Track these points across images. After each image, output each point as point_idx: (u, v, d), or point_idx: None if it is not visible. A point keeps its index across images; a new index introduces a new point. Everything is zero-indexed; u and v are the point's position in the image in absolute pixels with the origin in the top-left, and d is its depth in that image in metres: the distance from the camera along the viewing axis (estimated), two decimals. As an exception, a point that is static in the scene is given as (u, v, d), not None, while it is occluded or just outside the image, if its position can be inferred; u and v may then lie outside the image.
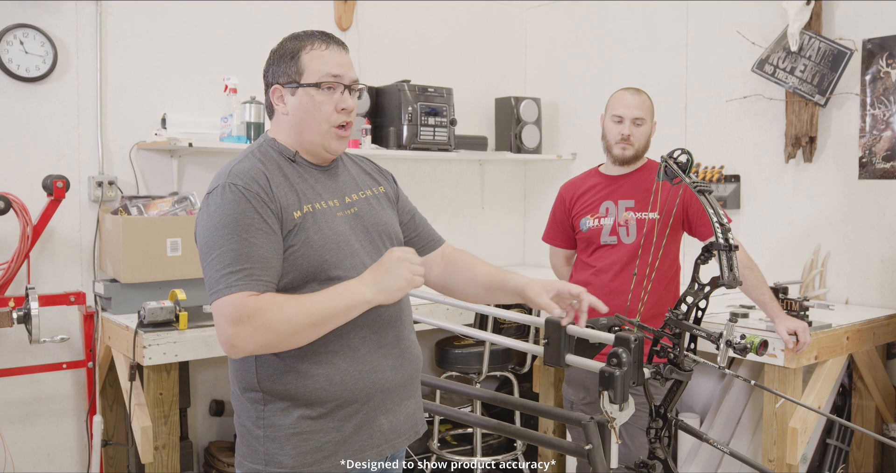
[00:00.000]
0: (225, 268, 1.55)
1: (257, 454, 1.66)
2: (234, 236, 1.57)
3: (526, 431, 2.25)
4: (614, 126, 2.79)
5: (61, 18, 3.36)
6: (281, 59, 1.72)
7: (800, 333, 2.69)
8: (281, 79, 1.71)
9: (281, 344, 1.57)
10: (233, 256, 1.56)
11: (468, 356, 3.64)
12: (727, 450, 1.97)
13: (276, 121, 1.77)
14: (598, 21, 4.52)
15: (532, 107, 4.59)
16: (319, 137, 1.71)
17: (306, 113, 1.69)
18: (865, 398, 3.31)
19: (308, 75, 1.69)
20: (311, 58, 1.69)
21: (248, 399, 1.68)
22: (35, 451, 3.38)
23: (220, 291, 1.55)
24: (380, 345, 1.72)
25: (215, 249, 1.57)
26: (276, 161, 1.70)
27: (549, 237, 3.04)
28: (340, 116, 1.71)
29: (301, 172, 1.72)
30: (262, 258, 1.58)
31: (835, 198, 3.53)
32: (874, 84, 3.37)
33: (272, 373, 1.65)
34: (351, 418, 1.68)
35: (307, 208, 1.67)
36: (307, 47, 1.70)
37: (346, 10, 4.18)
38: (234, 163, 1.67)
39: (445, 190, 4.65)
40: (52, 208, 3.19)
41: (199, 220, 1.65)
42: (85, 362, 3.37)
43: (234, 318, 1.52)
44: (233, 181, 1.61)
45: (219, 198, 1.61)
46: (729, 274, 1.91)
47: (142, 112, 3.56)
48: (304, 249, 1.63)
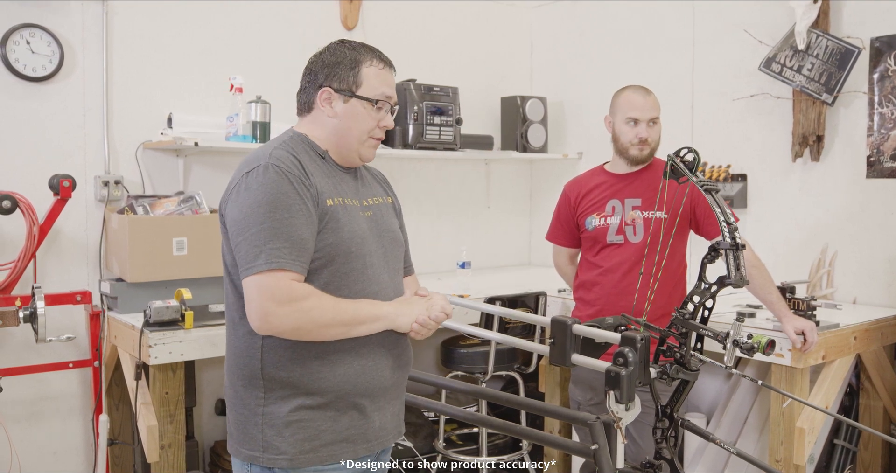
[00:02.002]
0: (266, 244, 1.60)
1: (255, 440, 1.70)
2: (275, 214, 1.61)
3: (531, 431, 2.25)
4: (629, 129, 2.76)
5: (67, 18, 3.37)
6: (339, 65, 1.79)
7: (807, 333, 2.68)
8: (335, 84, 1.78)
9: (310, 334, 1.64)
10: (273, 233, 1.60)
11: (474, 355, 3.63)
12: (734, 450, 1.96)
13: (314, 119, 1.82)
14: (604, 20, 4.51)
15: (538, 107, 4.58)
16: (357, 145, 1.80)
17: (353, 121, 1.78)
18: (873, 398, 3.29)
19: (365, 89, 1.78)
20: (371, 73, 1.79)
21: (248, 387, 1.72)
22: (41, 450, 3.39)
23: (259, 265, 1.59)
24: (383, 345, 1.79)
25: (255, 225, 1.61)
26: (308, 154, 1.76)
27: (553, 236, 3.03)
28: (380, 132, 1.83)
29: (328, 170, 1.79)
30: (300, 239, 1.63)
31: (842, 197, 3.51)
32: (882, 82, 3.35)
33: (277, 361, 1.69)
34: (348, 410, 1.73)
35: (338, 200, 1.74)
36: (367, 62, 1.79)
37: (352, 10, 4.17)
38: (271, 149, 1.72)
39: (451, 189, 4.64)
40: (58, 207, 3.20)
41: (235, 198, 1.68)
42: (91, 361, 3.37)
43: (278, 298, 1.58)
44: (274, 162, 1.66)
45: (261, 177, 1.65)
46: (736, 274, 1.90)
47: (148, 111, 3.57)
48: (332, 237, 1.69)
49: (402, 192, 4.42)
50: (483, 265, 4.65)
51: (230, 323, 1.78)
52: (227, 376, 1.80)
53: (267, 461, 1.69)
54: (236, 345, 1.75)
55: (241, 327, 1.73)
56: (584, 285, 2.87)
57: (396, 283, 1.87)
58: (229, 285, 1.76)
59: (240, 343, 1.74)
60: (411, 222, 4.38)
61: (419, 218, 4.46)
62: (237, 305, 1.73)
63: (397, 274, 1.89)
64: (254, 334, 1.69)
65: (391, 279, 1.84)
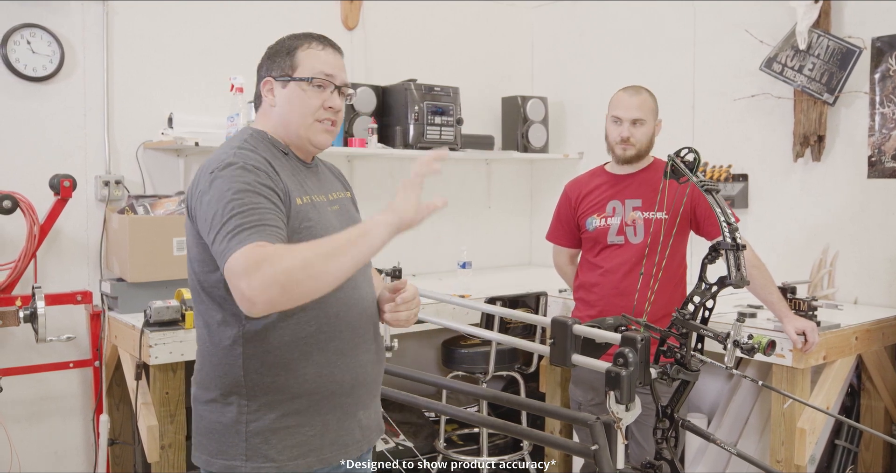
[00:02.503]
0: (235, 230, 1.48)
1: (236, 449, 1.64)
2: (245, 202, 1.52)
3: (532, 431, 2.25)
4: (614, 127, 2.78)
5: (68, 18, 3.37)
6: (277, 54, 1.75)
7: (808, 333, 2.68)
8: (274, 72, 1.74)
9: (299, 287, 1.43)
10: (243, 221, 1.49)
11: (474, 355, 3.63)
12: (734, 451, 1.96)
13: (262, 112, 1.79)
14: (605, 20, 4.51)
15: (539, 107, 4.58)
16: (304, 130, 1.73)
17: (294, 106, 1.72)
18: (874, 398, 3.29)
19: (301, 71, 1.72)
20: (306, 55, 1.73)
21: (228, 396, 1.65)
22: (42, 450, 3.39)
23: (229, 250, 1.46)
24: (364, 340, 1.75)
25: (223, 218, 1.51)
26: (271, 151, 1.70)
27: (554, 236, 3.03)
28: (326, 113, 1.73)
29: (292, 167, 1.73)
30: (275, 223, 1.52)
31: (843, 198, 3.51)
32: (883, 82, 3.35)
33: (259, 367, 1.63)
34: (334, 411, 1.69)
35: (307, 198, 1.69)
36: (304, 45, 1.74)
37: (353, 10, 4.17)
38: (234, 149, 1.65)
39: (452, 189, 4.64)
40: (58, 207, 3.20)
41: (201, 198, 1.59)
42: (91, 361, 3.37)
43: (242, 270, 1.42)
44: (240, 161, 1.60)
45: (228, 171, 1.57)
46: (736, 274, 1.90)
47: (148, 111, 3.57)
48: (308, 238, 1.59)
49: (403, 192, 4.45)
50: (484, 265, 4.64)
51: (203, 332, 1.70)
52: (199, 387, 1.72)
53: (251, 469, 1.63)
54: (213, 354, 1.68)
55: (217, 334, 1.66)
56: (585, 286, 2.87)
57: (367, 277, 1.83)
58: (199, 292, 1.69)
59: (217, 351, 1.66)
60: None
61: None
62: (209, 312, 1.67)
63: (367, 268, 1.83)
64: (234, 343, 1.63)
65: (362, 273, 1.76)
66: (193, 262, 1.69)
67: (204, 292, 1.68)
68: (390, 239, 1.54)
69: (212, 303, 1.66)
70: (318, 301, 1.57)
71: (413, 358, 4.40)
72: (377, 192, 4.28)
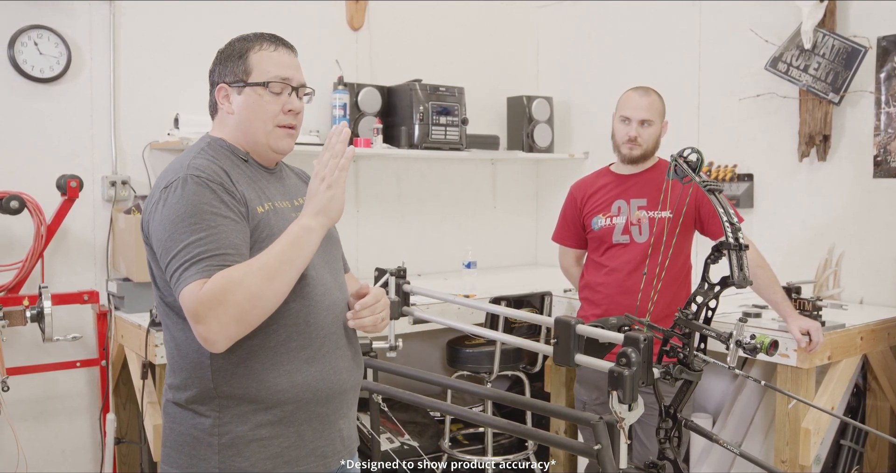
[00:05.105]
0: (188, 262, 1.46)
1: (207, 462, 1.58)
2: (199, 226, 1.49)
3: (536, 431, 2.25)
4: (622, 127, 2.79)
5: (75, 19, 3.39)
6: (228, 59, 1.69)
7: (813, 333, 2.67)
8: (228, 78, 1.69)
9: (250, 315, 1.47)
10: (201, 246, 1.47)
11: (479, 355, 3.64)
12: (737, 451, 1.96)
13: (219, 120, 1.74)
14: (611, 20, 4.51)
15: (544, 107, 4.58)
16: (265, 137, 1.68)
17: (252, 112, 1.67)
18: (880, 399, 3.28)
19: (256, 75, 1.66)
20: (259, 58, 1.67)
21: (200, 406, 1.60)
22: (49, 449, 3.41)
23: (182, 282, 1.46)
24: (337, 347, 1.70)
25: (181, 242, 1.48)
26: (229, 159, 1.67)
27: (560, 237, 3.03)
28: (286, 118, 1.69)
29: (252, 174, 1.69)
30: (232, 245, 1.50)
31: (849, 197, 3.50)
32: (889, 82, 3.34)
33: (229, 377, 1.58)
34: (310, 421, 1.64)
35: (268, 206, 1.65)
36: (256, 47, 1.68)
37: (358, 10, 4.18)
38: (189, 159, 1.61)
39: (457, 189, 4.64)
40: (65, 208, 3.21)
41: (153, 217, 1.56)
42: (98, 360, 3.39)
43: (195, 316, 1.44)
44: (193, 173, 1.55)
45: (179, 190, 1.53)
46: (739, 274, 1.90)
47: (154, 112, 3.58)
48: (267, 245, 1.56)
49: (408, 192, 4.47)
50: (489, 265, 4.65)
51: (171, 346, 1.66)
52: (170, 397, 1.66)
53: None
54: (182, 368, 1.63)
55: (184, 348, 1.61)
56: (590, 285, 2.87)
57: (340, 282, 1.78)
58: (163, 307, 1.65)
59: (185, 365, 1.62)
60: (417, 222, 4.43)
61: (424, 218, 4.46)
62: (175, 327, 1.63)
63: (339, 273, 1.80)
64: (202, 356, 1.58)
65: (334, 278, 1.74)
66: (156, 279, 1.64)
67: (168, 307, 1.63)
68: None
69: (177, 318, 1.61)
70: (285, 309, 1.57)
71: (418, 357, 4.41)
72: (382, 193, 4.29)
